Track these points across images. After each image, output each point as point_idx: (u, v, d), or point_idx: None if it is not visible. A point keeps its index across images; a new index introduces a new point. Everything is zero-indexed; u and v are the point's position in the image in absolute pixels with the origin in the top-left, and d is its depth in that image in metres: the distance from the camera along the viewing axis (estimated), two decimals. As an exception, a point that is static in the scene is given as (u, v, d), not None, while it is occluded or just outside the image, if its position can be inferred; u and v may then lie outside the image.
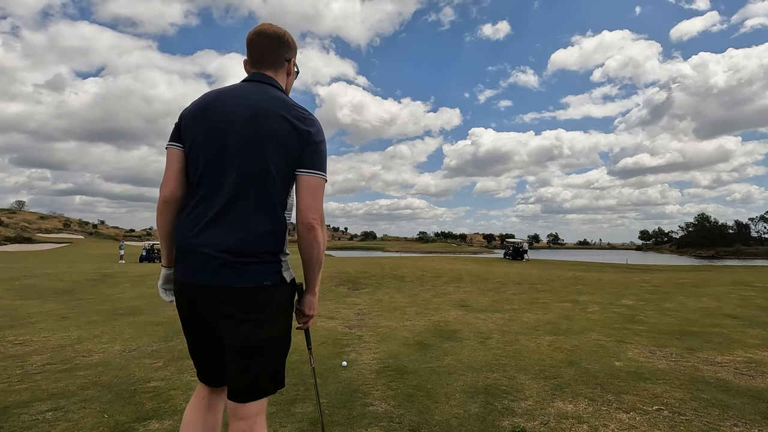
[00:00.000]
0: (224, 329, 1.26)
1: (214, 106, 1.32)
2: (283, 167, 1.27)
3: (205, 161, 1.28)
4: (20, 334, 4.59)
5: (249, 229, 1.24)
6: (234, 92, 1.35)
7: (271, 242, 1.27)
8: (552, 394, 2.76)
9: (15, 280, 9.94)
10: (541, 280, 11.15)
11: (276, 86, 1.40)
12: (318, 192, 1.29)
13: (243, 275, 1.23)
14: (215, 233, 1.24)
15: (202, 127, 1.30)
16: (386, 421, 2.37)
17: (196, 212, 1.29)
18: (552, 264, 24.55)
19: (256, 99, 1.31)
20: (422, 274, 11.60)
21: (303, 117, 1.31)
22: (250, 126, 1.26)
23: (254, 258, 1.24)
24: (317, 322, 5.31)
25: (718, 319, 5.44)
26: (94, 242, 66.16)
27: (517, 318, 5.75)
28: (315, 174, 1.30)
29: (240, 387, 1.26)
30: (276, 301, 1.29)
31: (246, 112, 1.28)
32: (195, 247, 1.26)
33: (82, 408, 2.54)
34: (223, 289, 1.23)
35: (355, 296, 8.20)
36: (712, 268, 20.50)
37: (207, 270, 1.24)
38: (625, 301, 7.21)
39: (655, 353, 3.80)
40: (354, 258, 25.70)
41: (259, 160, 1.25)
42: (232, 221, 1.24)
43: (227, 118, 1.28)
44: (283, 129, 1.26)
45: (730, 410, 2.47)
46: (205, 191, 1.28)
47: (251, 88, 1.36)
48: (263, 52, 1.42)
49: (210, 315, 1.28)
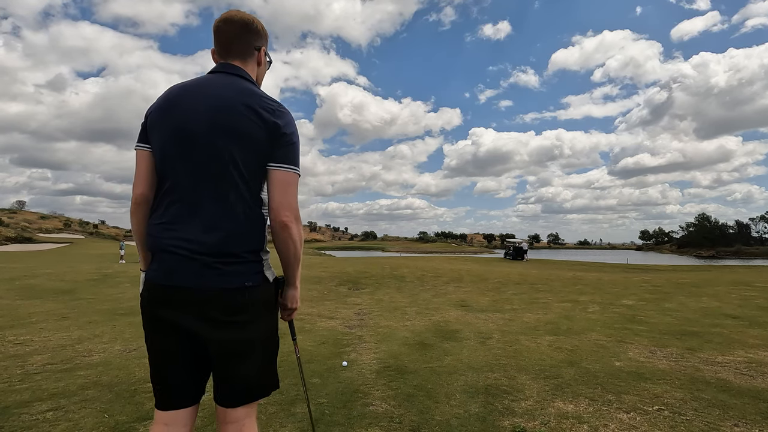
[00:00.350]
0: (205, 333, 1.20)
1: (177, 102, 1.25)
2: (253, 162, 1.22)
3: (173, 160, 1.23)
4: (21, 334, 4.59)
5: (225, 227, 1.20)
6: (199, 85, 1.28)
7: (250, 240, 1.23)
8: (552, 394, 2.76)
9: (15, 280, 9.95)
10: (541, 280, 11.15)
11: (244, 77, 1.33)
12: (290, 187, 1.24)
13: (223, 276, 1.18)
14: (190, 233, 1.19)
15: (167, 126, 1.24)
16: (386, 421, 2.37)
17: (169, 213, 1.23)
18: (552, 264, 24.54)
19: (223, 92, 1.24)
20: (422, 274, 11.60)
21: (272, 108, 1.24)
22: (216, 121, 1.20)
23: (234, 258, 1.20)
24: (317, 322, 5.31)
25: (718, 319, 5.44)
26: (94, 242, 66.19)
27: (517, 318, 5.75)
28: (285, 168, 1.23)
29: (226, 392, 1.23)
30: (259, 302, 1.24)
31: (211, 107, 1.22)
32: (170, 248, 1.20)
33: (83, 408, 2.54)
34: (203, 291, 1.18)
35: (356, 296, 8.20)
36: (712, 268, 20.49)
37: (185, 271, 1.18)
38: (625, 301, 7.21)
39: (655, 353, 3.80)
40: (354, 258, 25.70)
41: (227, 156, 1.19)
42: (207, 220, 1.19)
43: (192, 113, 1.22)
44: (250, 122, 1.20)
45: (730, 410, 2.47)
46: (175, 191, 1.23)
47: (217, 80, 1.29)
48: (231, 40, 1.35)
49: (188, 319, 1.20)
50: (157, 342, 1.26)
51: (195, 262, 1.18)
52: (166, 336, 1.24)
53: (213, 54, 1.39)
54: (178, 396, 1.26)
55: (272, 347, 1.31)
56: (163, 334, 1.24)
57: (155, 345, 1.27)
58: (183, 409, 1.27)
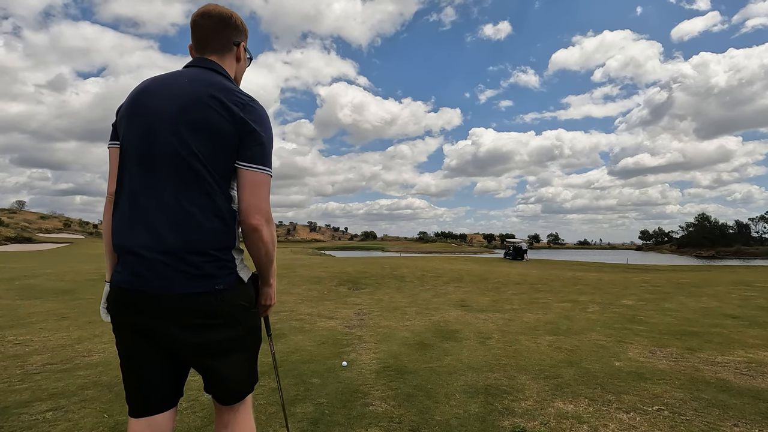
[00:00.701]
0: (178, 338, 1.14)
1: (144, 97, 1.21)
2: (220, 157, 1.16)
3: (137, 157, 1.17)
4: (20, 334, 4.59)
5: (191, 226, 1.13)
6: (168, 79, 1.23)
7: (219, 239, 1.17)
8: (552, 394, 2.76)
9: (15, 280, 9.94)
10: (541, 280, 11.14)
11: (219, 71, 1.28)
12: (260, 188, 1.18)
13: (192, 279, 1.12)
14: (155, 234, 1.13)
15: (132, 121, 1.20)
16: (386, 421, 2.37)
17: (132, 211, 1.16)
18: (552, 264, 24.55)
19: (192, 85, 1.19)
20: (422, 274, 11.59)
21: (242, 103, 1.19)
22: (181, 114, 1.15)
23: (203, 258, 1.14)
24: (317, 322, 5.31)
25: (718, 319, 5.44)
26: (94, 242, 66.12)
27: (517, 318, 5.75)
28: (255, 169, 1.18)
29: (216, 391, 1.23)
30: (233, 305, 1.18)
31: (178, 100, 1.17)
32: (134, 249, 1.14)
33: (83, 408, 2.54)
34: (171, 296, 1.11)
35: (355, 296, 8.20)
36: (712, 268, 20.50)
37: (150, 274, 1.12)
38: (625, 301, 7.21)
39: (655, 353, 3.80)
40: (354, 258, 25.69)
41: (191, 151, 1.13)
42: (172, 219, 1.13)
43: (157, 108, 1.17)
44: (217, 115, 1.15)
45: (730, 410, 2.47)
46: (139, 189, 1.16)
47: (189, 73, 1.24)
48: (207, 34, 1.31)
49: (159, 323, 1.14)
50: (127, 347, 1.20)
51: (160, 264, 1.12)
52: (137, 340, 1.18)
53: (190, 49, 1.35)
54: (154, 400, 1.21)
55: (253, 346, 1.29)
56: (134, 339, 1.18)
57: (126, 351, 1.21)
58: (159, 415, 1.22)
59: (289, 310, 6.36)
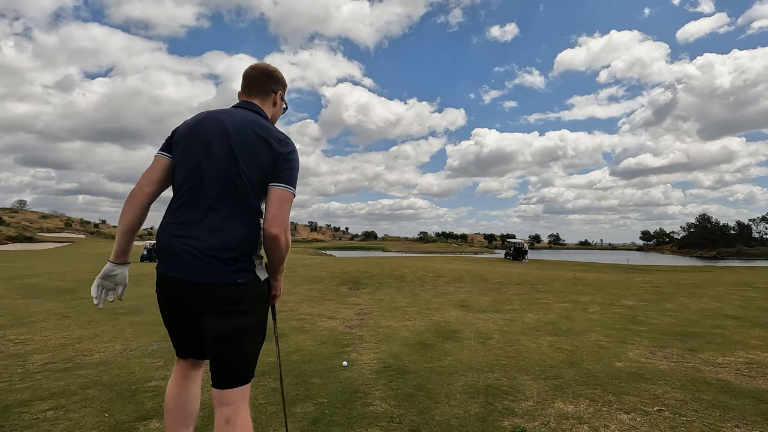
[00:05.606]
0: (205, 320, 1.41)
1: (204, 125, 1.50)
2: (258, 180, 1.44)
3: (190, 171, 1.45)
4: (21, 333, 4.60)
5: (228, 232, 1.40)
6: (221, 114, 1.53)
7: (247, 245, 1.43)
8: (552, 395, 2.76)
9: (16, 279, 9.96)
10: (541, 280, 11.13)
11: (260, 113, 1.58)
12: (285, 203, 1.45)
13: (223, 273, 1.38)
14: (199, 235, 1.40)
15: (191, 142, 1.48)
16: (386, 421, 2.37)
17: (182, 216, 1.44)
18: (553, 264, 24.52)
19: (239, 120, 1.49)
20: (423, 274, 11.58)
21: (279, 139, 1.50)
22: (231, 143, 1.44)
23: (232, 258, 1.40)
24: (318, 322, 5.32)
25: (719, 319, 5.43)
26: (95, 241, 66.22)
27: (517, 318, 5.74)
28: (285, 187, 1.46)
29: (221, 374, 1.41)
30: (251, 297, 1.44)
31: (228, 131, 1.46)
32: (180, 246, 1.40)
33: (83, 407, 2.54)
34: (205, 284, 1.38)
35: (356, 296, 8.20)
36: (713, 268, 20.46)
37: (191, 267, 1.38)
38: (626, 302, 7.19)
39: (656, 354, 3.79)
40: (355, 258, 25.69)
41: (236, 173, 1.42)
42: (213, 225, 1.40)
43: (212, 134, 1.47)
44: (260, 147, 1.45)
45: (731, 411, 2.46)
46: (188, 197, 1.45)
47: (237, 112, 1.55)
48: (253, 82, 1.64)
49: (192, 307, 1.43)
50: (167, 320, 1.56)
51: (199, 260, 1.38)
52: (173, 319, 1.53)
53: (239, 95, 1.67)
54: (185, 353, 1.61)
55: (259, 336, 1.50)
56: (171, 317, 1.53)
57: (166, 322, 1.56)
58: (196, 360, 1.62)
59: (289, 309, 6.36)
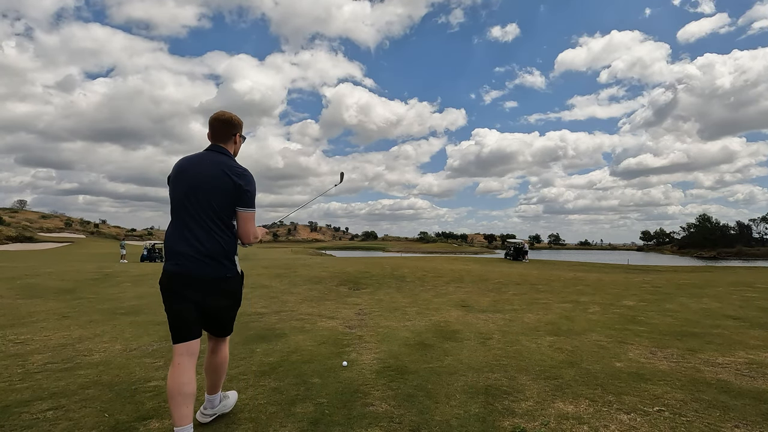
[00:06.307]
0: (205, 301, 2.14)
1: (184, 171, 2.17)
2: (228, 206, 2.14)
3: (184, 201, 2.13)
4: (21, 333, 4.60)
5: (215, 241, 2.11)
6: (198, 159, 2.19)
7: (228, 250, 2.16)
8: (552, 395, 2.76)
9: (16, 279, 9.96)
10: (541, 280, 11.13)
11: (225, 153, 2.24)
12: (249, 221, 2.20)
13: (214, 269, 2.12)
14: (195, 243, 2.09)
15: (181, 184, 2.15)
16: (386, 421, 2.37)
17: (177, 231, 2.14)
18: (553, 264, 24.52)
19: (211, 164, 2.15)
20: (423, 275, 11.58)
21: (239, 173, 2.16)
22: (207, 182, 2.11)
23: (220, 259, 2.13)
24: (318, 322, 5.31)
25: (719, 320, 5.43)
26: (95, 241, 66.24)
27: (517, 318, 5.74)
28: (246, 210, 2.19)
29: (221, 331, 2.32)
30: (233, 284, 2.24)
31: (204, 173, 2.13)
32: (182, 250, 2.10)
33: (83, 407, 2.55)
34: (204, 277, 2.11)
35: (356, 296, 8.19)
36: (713, 269, 20.46)
37: (192, 265, 2.08)
38: (626, 302, 7.19)
39: (656, 354, 3.79)
40: (355, 258, 25.69)
41: (214, 202, 2.11)
42: (203, 236, 2.10)
43: (195, 176, 2.13)
44: (226, 182, 2.12)
45: (731, 411, 2.46)
46: (184, 219, 2.13)
47: (208, 156, 2.20)
48: (217, 132, 2.26)
49: (193, 292, 2.10)
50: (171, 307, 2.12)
51: (197, 260, 2.10)
52: (177, 304, 2.11)
53: (208, 136, 2.28)
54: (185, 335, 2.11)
55: (238, 307, 2.35)
56: (176, 302, 2.11)
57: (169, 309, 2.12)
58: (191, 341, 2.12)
59: (289, 310, 6.36)
